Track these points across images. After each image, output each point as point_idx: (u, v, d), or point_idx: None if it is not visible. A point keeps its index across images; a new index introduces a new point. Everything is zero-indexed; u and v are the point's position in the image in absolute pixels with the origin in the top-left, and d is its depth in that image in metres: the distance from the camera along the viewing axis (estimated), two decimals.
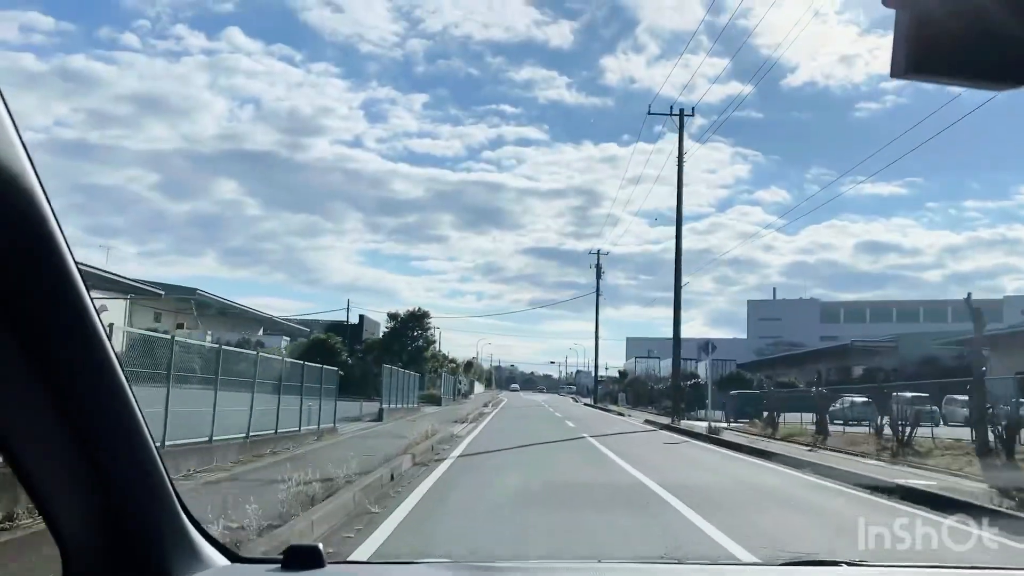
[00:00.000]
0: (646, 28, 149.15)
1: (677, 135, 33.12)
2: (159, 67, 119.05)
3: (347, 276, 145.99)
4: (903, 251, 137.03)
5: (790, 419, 25.97)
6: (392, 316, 52.14)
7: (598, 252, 69.36)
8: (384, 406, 26.58)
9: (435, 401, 43.32)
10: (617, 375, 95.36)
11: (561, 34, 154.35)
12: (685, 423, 31.07)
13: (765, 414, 26.91)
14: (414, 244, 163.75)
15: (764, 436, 23.38)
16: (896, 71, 0.90)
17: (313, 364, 18.74)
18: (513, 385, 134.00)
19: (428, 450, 15.32)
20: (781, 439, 21.89)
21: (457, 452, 16.13)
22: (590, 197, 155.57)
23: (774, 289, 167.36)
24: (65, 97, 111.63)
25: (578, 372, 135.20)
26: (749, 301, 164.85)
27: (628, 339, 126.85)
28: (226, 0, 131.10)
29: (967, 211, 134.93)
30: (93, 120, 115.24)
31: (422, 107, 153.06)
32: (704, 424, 27.85)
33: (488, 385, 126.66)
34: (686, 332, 37.98)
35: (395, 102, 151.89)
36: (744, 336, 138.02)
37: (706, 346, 41.75)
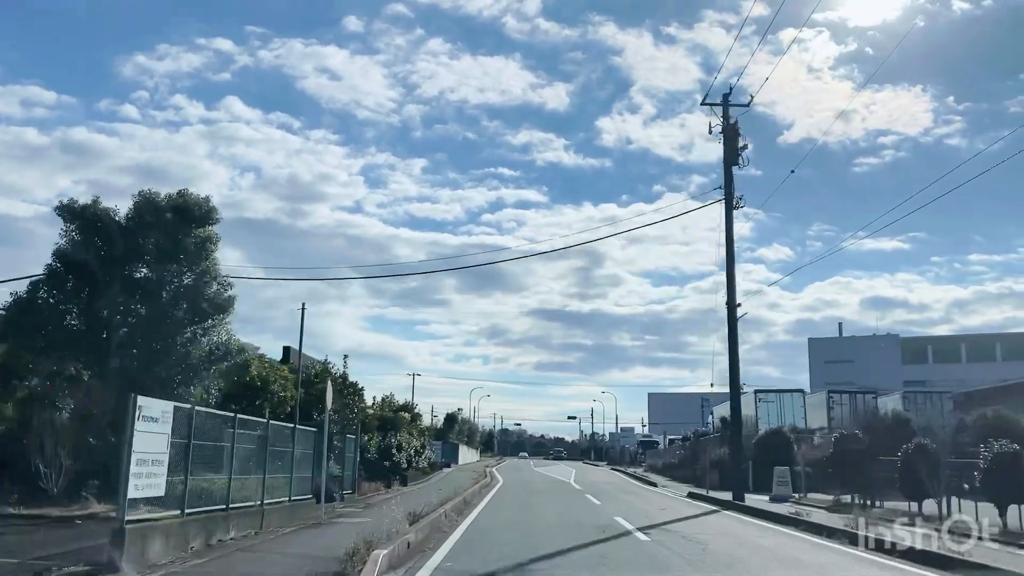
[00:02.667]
0: (640, 89, 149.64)
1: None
2: (159, 137, 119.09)
3: (352, 342, 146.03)
4: (910, 307, 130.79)
5: None
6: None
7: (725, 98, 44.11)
8: None
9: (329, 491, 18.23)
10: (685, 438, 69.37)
11: (557, 96, 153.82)
12: None
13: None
14: (417, 308, 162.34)
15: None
16: None
17: None
18: (522, 453, 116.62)
19: None
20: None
21: None
22: (592, 258, 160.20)
23: (840, 325, 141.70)
24: (67, 170, 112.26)
25: (612, 433, 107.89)
26: (811, 340, 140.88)
27: (650, 395, 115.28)
28: (224, 69, 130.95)
29: (972, 265, 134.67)
30: (95, 192, 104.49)
31: (421, 171, 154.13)
32: None
33: (487, 450, 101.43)
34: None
35: (394, 167, 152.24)
36: (806, 382, 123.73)
37: None
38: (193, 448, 11.04)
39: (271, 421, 15.44)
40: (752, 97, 26.21)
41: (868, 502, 19.94)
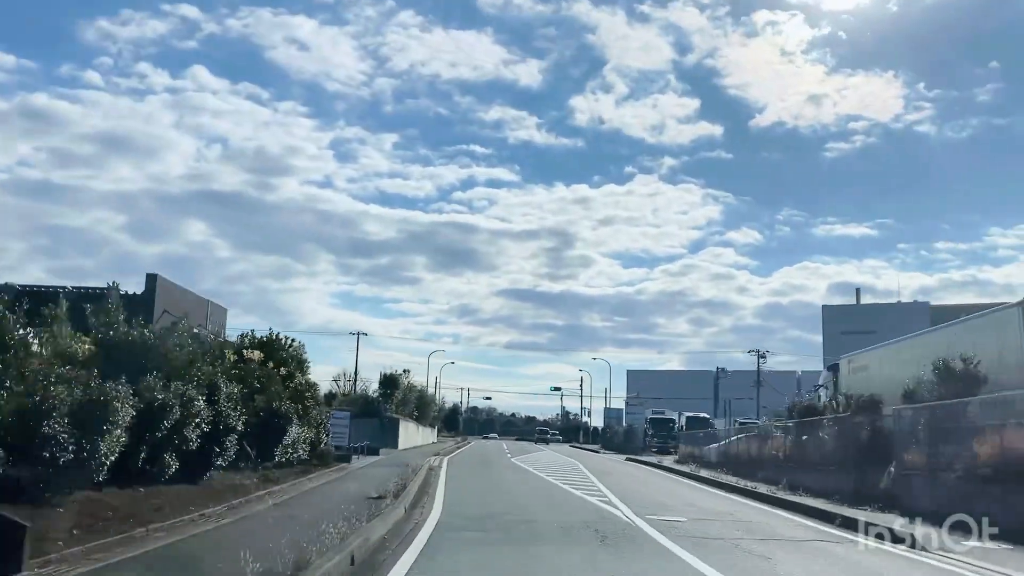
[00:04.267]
0: (614, 67, 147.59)
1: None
2: (123, 106, 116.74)
3: (321, 318, 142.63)
4: (877, 292, 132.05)
5: None
6: None
7: None
8: None
9: None
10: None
11: (530, 73, 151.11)
12: None
13: None
14: (387, 286, 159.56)
15: None
16: None
17: None
18: (491, 435, 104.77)
19: None
20: None
21: None
22: (563, 239, 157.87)
23: (857, 291, 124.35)
24: (28, 136, 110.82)
25: (608, 410, 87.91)
26: (825, 307, 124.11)
27: (629, 372, 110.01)
28: (190, 37, 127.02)
29: (939, 253, 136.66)
30: (57, 160, 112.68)
31: (392, 147, 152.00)
32: None
33: (448, 430, 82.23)
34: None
35: (364, 142, 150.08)
36: (819, 356, 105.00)
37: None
38: None
39: None
40: None
41: None
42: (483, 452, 43.41)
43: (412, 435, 47.44)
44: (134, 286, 41.54)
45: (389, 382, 44.97)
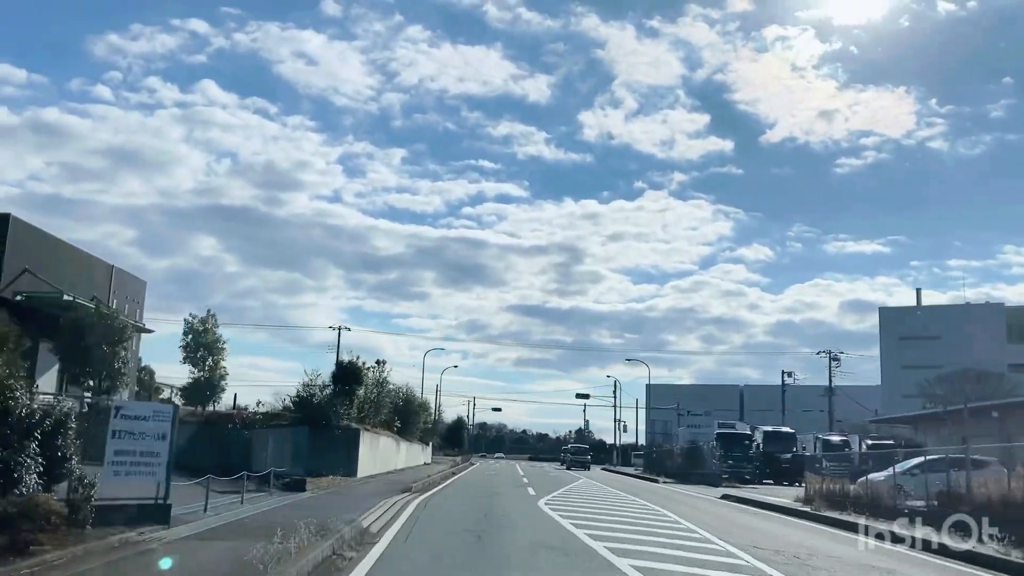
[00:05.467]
0: (623, 83, 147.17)
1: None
2: (133, 120, 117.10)
3: (330, 334, 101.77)
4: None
5: None
6: None
7: None
8: None
9: None
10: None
11: (538, 88, 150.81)
12: None
13: None
14: (396, 301, 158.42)
15: None
16: None
17: None
18: (496, 454, 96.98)
19: None
20: None
21: None
22: (572, 254, 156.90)
23: (918, 292, 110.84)
24: (38, 150, 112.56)
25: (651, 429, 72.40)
26: (882, 310, 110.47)
27: (648, 386, 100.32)
28: (199, 52, 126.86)
29: (951, 270, 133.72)
30: (67, 174, 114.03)
31: (400, 162, 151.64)
32: None
33: (451, 447, 68.21)
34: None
35: (372, 156, 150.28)
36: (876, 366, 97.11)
37: None
38: None
39: None
40: None
41: None
42: (487, 486, 28.09)
43: (384, 454, 33.02)
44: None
45: (348, 375, 30.39)
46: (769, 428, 39.01)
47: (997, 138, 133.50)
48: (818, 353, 66.23)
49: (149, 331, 32.86)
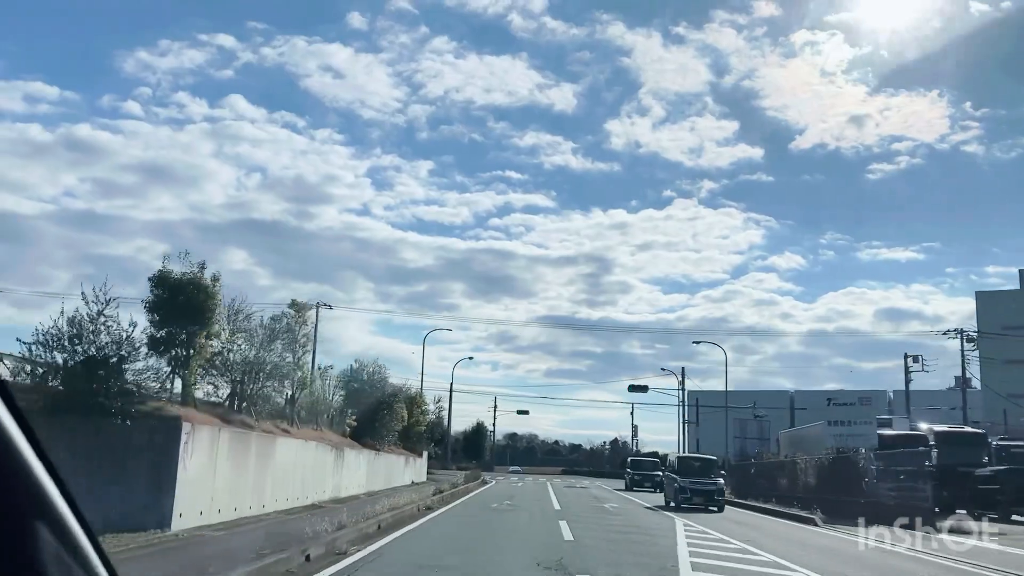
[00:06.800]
0: (649, 90, 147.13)
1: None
2: (163, 135, 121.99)
3: (361, 345, 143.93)
4: (925, 318, 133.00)
5: None
6: None
7: None
8: None
9: None
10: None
11: (564, 98, 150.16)
12: None
13: None
14: (425, 313, 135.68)
15: None
16: None
17: None
18: (512, 468, 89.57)
19: None
20: None
21: None
22: (601, 264, 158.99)
23: (1021, 271, 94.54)
24: (72, 167, 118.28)
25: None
26: (979, 294, 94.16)
27: (689, 392, 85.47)
28: (226, 66, 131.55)
29: (989, 277, 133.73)
30: (100, 190, 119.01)
31: (428, 174, 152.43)
32: None
33: (469, 459, 57.43)
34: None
35: (400, 169, 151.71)
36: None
37: None
38: None
39: None
40: None
41: None
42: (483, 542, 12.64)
43: (284, 472, 18.07)
44: None
45: (177, 303, 14.66)
46: (945, 427, 23.79)
47: None
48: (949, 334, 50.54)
49: None
